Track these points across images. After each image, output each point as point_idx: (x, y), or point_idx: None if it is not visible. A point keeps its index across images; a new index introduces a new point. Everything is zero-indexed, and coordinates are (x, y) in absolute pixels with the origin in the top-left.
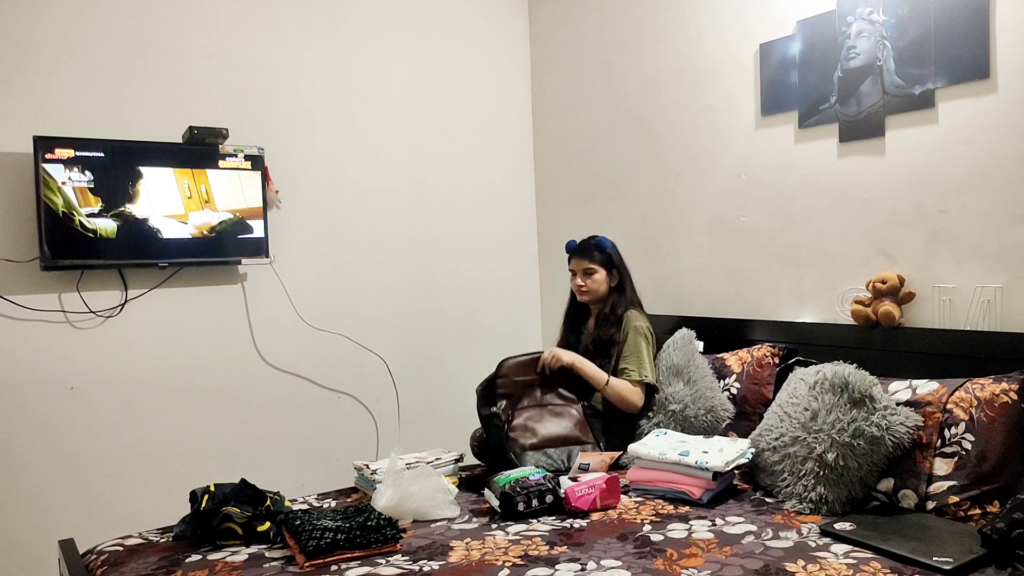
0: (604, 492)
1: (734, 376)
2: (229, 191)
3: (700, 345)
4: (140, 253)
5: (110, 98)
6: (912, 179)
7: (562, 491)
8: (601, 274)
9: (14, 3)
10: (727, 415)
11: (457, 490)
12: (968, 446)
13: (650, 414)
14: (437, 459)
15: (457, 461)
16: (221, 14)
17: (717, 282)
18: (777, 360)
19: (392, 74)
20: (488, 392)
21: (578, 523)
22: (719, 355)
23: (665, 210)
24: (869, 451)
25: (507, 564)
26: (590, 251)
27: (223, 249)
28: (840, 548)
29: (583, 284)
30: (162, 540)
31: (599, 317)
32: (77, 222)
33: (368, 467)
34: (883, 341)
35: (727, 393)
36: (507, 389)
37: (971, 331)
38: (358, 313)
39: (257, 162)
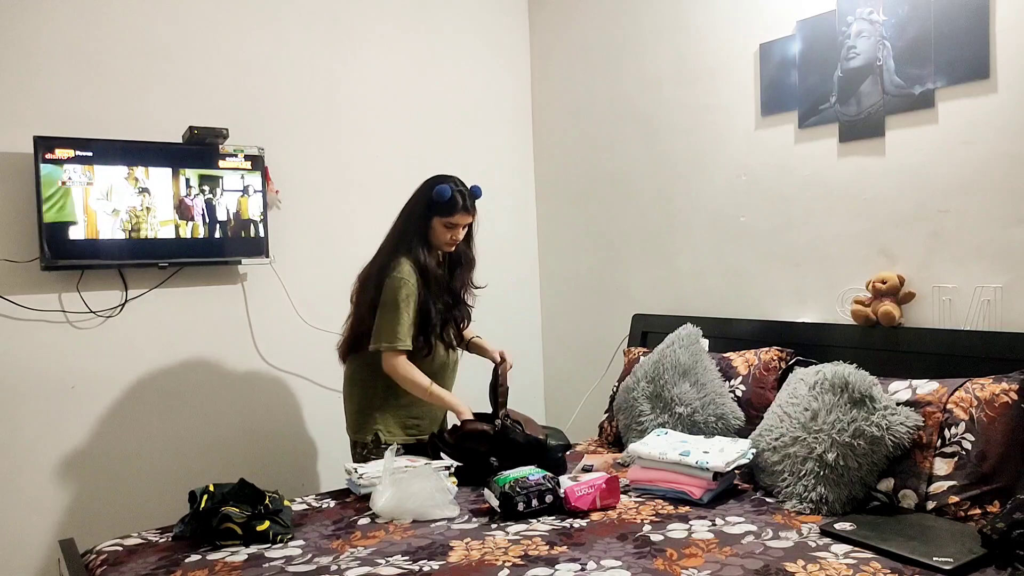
0: (604, 492)
1: (740, 378)
2: (229, 191)
3: (706, 344)
4: (140, 253)
5: (110, 98)
6: (912, 179)
7: (562, 491)
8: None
9: (14, 3)
10: (738, 423)
11: (457, 489)
12: (968, 446)
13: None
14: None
15: (447, 468)
16: (221, 14)
17: (717, 282)
18: (784, 364)
19: (392, 73)
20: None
21: (578, 523)
22: (725, 355)
23: (665, 210)
24: (869, 451)
25: (507, 564)
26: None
27: (223, 249)
28: (840, 548)
29: (460, 239)
30: (161, 540)
31: (460, 266)
32: (77, 222)
33: (356, 471)
34: (883, 341)
35: (732, 395)
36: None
37: (971, 331)
38: None
39: (257, 162)
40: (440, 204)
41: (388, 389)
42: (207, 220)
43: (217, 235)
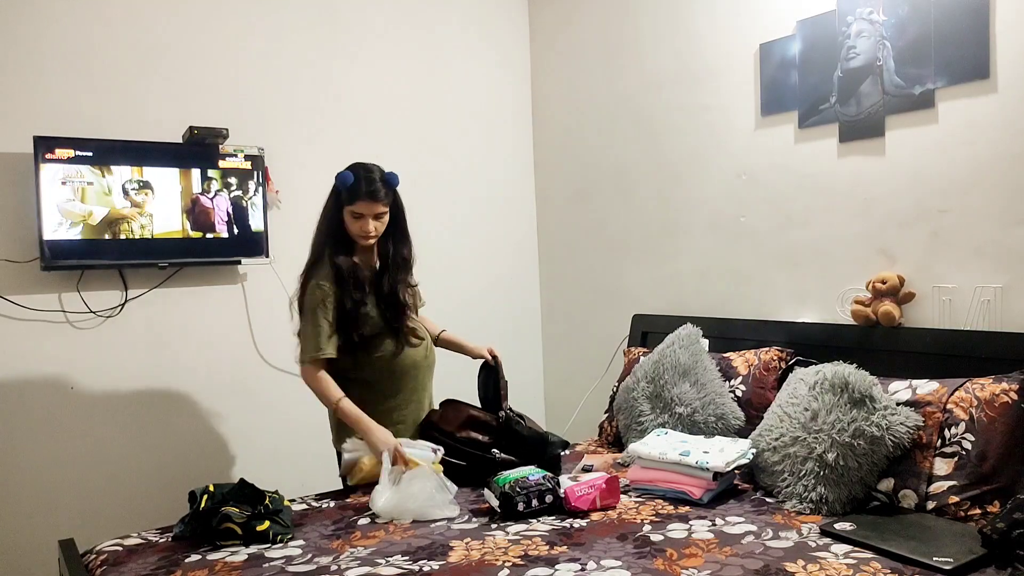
0: (604, 492)
1: (740, 378)
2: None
3: (706, 344)
4: (140, 253)
5: (110, 98)
6: (912, 179)
7: (562, 491)
8: (387, 215)
9: (15, 4)
10: (738, 423)
11: (456, 488)
12: (968, 446)
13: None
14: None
15: (437, 451)
16: (221, 14)
17: (717, 282)
18: (784, 364)
19: (392, 74)
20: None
21: (578, 523)
22: (725, 355)
23: (665, 210)
24: (869, 451)
25: (507, 564)
26: (389, 191)
27: (223, 249)
28: (840, 548)
29: (373, 230)
30: (161, 540)
31: (391, 264)
32: (77, 222)
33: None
34: (883, 341)
35: (732, 395)
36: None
37: (971, 331)
38: None
39: (257, 162)
40: (342, 193)
41: (360, 397)
42: (232, 220)
43: (217, 235)
